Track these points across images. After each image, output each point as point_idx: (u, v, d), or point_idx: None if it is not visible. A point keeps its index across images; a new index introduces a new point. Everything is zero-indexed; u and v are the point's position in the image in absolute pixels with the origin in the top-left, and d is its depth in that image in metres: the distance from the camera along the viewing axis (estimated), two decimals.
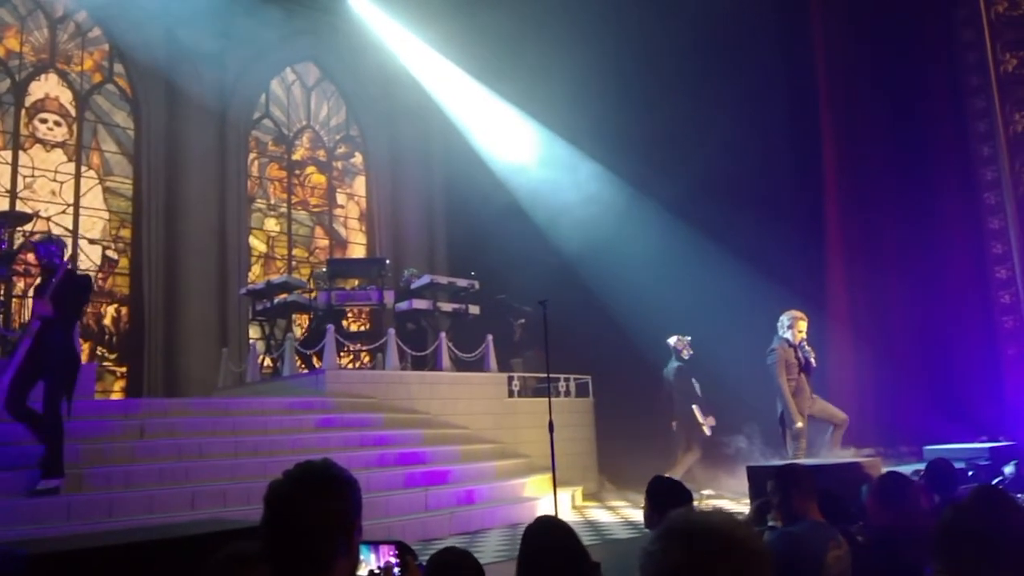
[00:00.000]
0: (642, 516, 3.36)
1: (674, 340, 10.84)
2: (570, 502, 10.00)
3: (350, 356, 13.39)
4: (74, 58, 14.79)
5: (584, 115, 12.77)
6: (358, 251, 17.57)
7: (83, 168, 14.45)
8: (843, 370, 10.44)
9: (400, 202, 17.77)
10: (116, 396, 13.79)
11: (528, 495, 9.40)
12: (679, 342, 10.82)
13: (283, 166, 17.15)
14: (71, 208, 14.20)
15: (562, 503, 8.48)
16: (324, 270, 12.88)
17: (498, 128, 15.51)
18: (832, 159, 11.23)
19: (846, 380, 10.32)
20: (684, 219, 11.63)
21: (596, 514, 9.43)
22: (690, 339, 10.83)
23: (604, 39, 12.72)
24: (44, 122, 14.24)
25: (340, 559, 1.52)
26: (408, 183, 17.81)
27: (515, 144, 15.04)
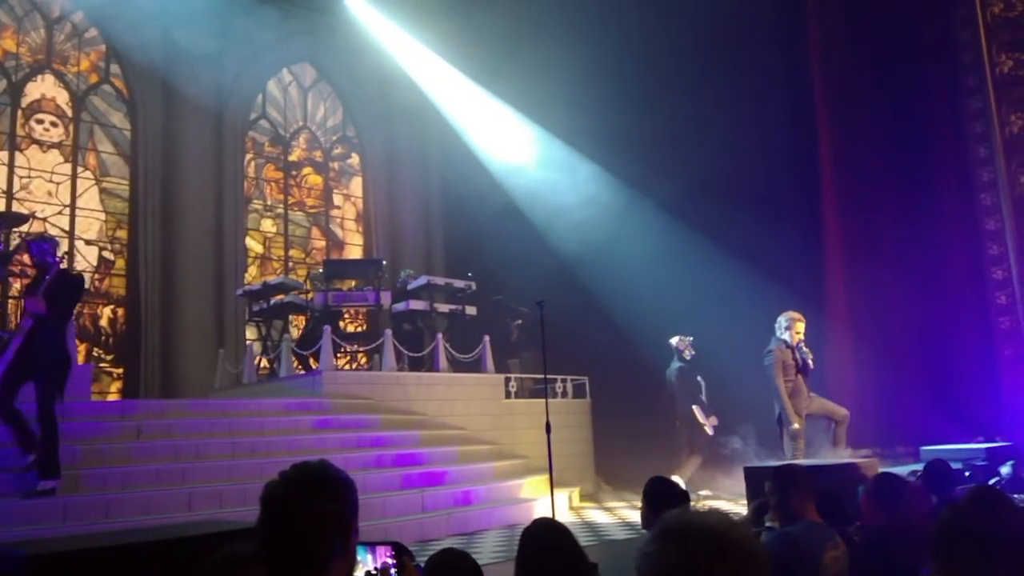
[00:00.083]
0: (639, 517, 3.35)
1: (676, 341, 10.84)
2: (567, 503, 9.99)
3: (347, 357, 13.36)
4: (71, 59, 14.76)
5: (582, 116, 12.76)
6: (355, 252, 17.55)
7: (79, 169, 14.43)
8: (842, 370, 10.46)
9: (397, 203, 17.75)
10: (113, 397, 13.77)
11: (525, 496, 9.40)
12: (681, 343, 10.81)
13: (280, 167, 17.14)
14: (67, 209, 14.18)
15: (559, 504, 8.47)
16: (321, 271, 12.88)
17: (495, 129, 15.51)
18: (831, 159, 11.25)
19: (845, 380, 10.33)
20: (683, 219, 11.64)
21: (593, 515, 9.43)
22: (692, 339, 10.83)
23: (602, 39, 12.72)
24: (40, 123, 14.21)
25: (337, 560, 1.51)
26: (405, 184, 17.79)
27: (512, 145, 15.04)
